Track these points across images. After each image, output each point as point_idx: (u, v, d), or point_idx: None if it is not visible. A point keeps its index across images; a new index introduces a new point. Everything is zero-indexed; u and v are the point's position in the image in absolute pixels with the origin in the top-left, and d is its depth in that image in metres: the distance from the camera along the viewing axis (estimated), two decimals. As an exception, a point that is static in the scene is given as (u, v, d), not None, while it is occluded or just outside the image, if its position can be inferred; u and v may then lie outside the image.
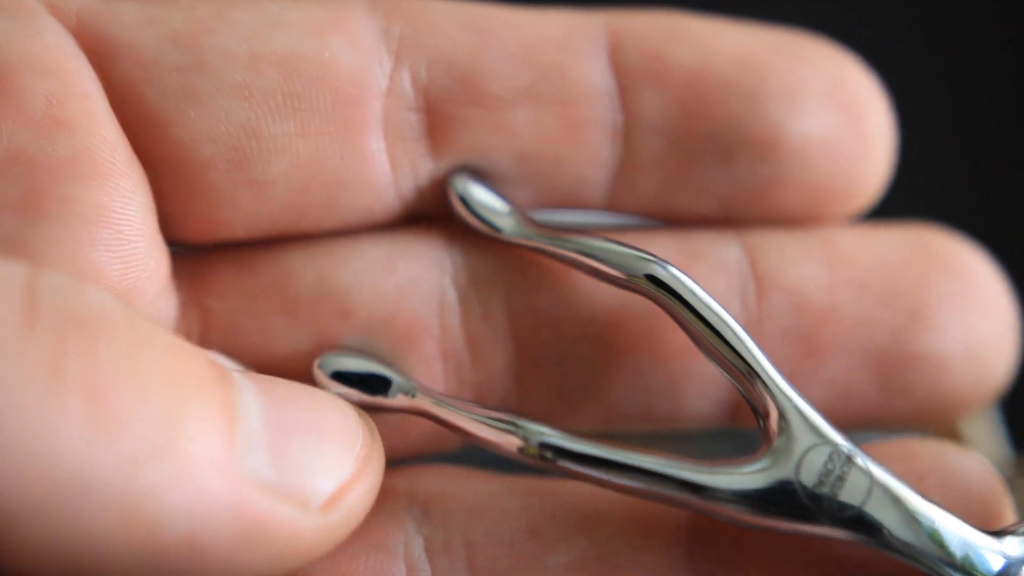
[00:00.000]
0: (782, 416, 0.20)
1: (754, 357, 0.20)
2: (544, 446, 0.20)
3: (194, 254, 0.22)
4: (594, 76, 0.22)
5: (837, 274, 0.22)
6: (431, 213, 0.22)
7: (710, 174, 0.22)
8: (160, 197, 0.21)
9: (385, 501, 0.20)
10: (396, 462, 0.21)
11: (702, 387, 0.22)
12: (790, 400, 0.20)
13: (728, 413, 0.22)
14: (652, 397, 0.22)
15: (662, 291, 0.20)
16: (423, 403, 0.20)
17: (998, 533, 0.19)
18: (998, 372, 0.22)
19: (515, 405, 0.22)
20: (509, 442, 0.20)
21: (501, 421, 0.20)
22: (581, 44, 0.22)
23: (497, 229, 0.22)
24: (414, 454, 0.21)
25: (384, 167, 0.21)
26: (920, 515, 0.19)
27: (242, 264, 0.21)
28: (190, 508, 0.16)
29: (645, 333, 0.22)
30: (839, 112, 0.22)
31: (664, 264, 0.20)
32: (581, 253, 0.21)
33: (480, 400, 0.21)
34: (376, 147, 0.21)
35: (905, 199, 0.27)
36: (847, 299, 0.22)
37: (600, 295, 0.22)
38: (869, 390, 0.22)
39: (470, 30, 0.21)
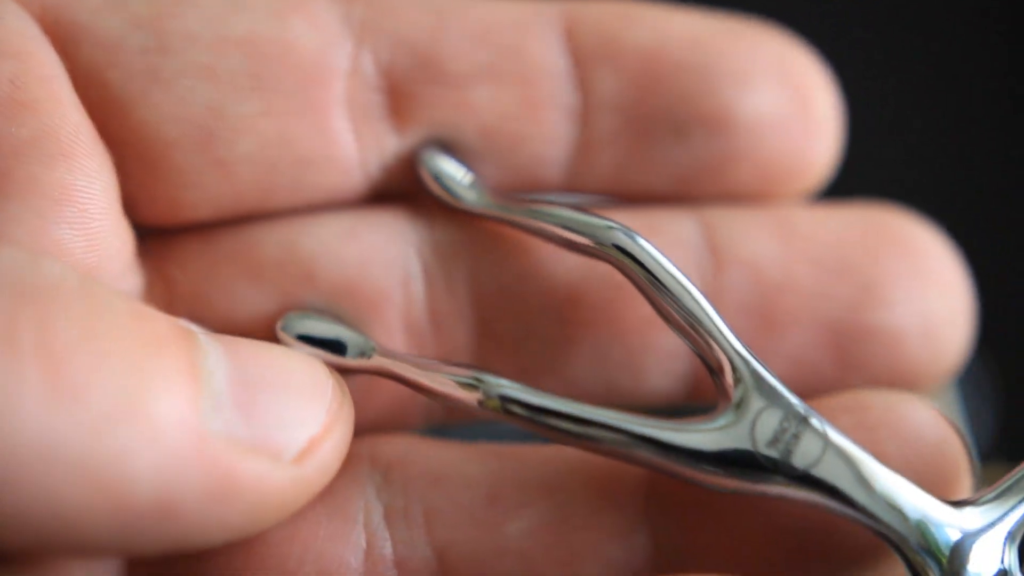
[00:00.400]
0: (739, 378, 0.20)
1: (713, 322, 0.20)
2: (505, 399, 0.20)
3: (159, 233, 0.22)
4: (551, 56, 0.22)
5: (792, 250, 0.22)
6: (397, 191, 0.23)
7: (665, 151, 0.22)
8: (126, 179, 0.21)
9: (346, 468, 0.20)
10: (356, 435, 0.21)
11: (662, 362, 0.22)
12: (747, 363, 0.20)
13: (688, 388, 0.23)
14: (612, 372, 0.22)
15: (627, 258, 0.21)
16: (383, 362, 0.21)
17: (958, 503, 0.20)
18: (953, 348, 0.23)
19: None
20: (469, 396, 0.20)
21: (462, 376, 0.20)
22: (537, 26, 0.22)
23: (465, 200, 0.22)
24: (375, 428, 0.22)
25: (349, 145, 0.22)
26: (876, 480, 0.19)
27: (206, 235, 0.22)
28: (158, 469, 0.17)
29: (605, 308, 0.22)
30: (788, 93, 0.23)
31: (630, 232, 0.21)
32: (549, 222, 0.21)
33: None
34: (341, 126, 0.22)
35: (867, 181, 0.28)
36: (802, 274, 0.22)
37: (561, 269, 0.22)
38: (826, 364, 0.22)
39: (430, 12, 0.22)
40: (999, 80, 0.47)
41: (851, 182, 0.27)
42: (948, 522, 0.19)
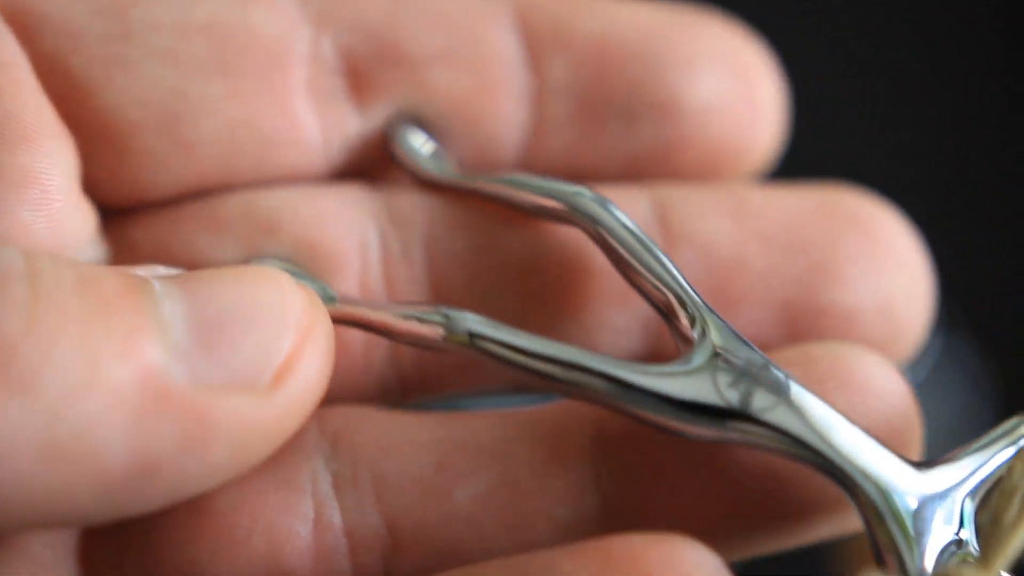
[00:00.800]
0: (701, 327, 0.20)
1: (675, 278, 0.21)
2: (473, 334, 0.20)
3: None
4: (504, 42, 0.23)
5: (745, 228, 0.23)
6: (359, 171, 0.23)
7: (615, 135, 0.23)
8: (91, 161, 0.22)
9: (294, 438, 0.21)
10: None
11: (614, 340, 0.22)
12: (707, 314, 0.20)
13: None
14: None
15: (595, 221, 0.21)
16: (346, 308, 0.21)
17: (920, 464, 0.19)
18: (911, 326, 0.23)
19: (430, 353, 0.22)
20: (434, 331, 0.20)
21: (427, 312, 0.20)
22: (491, 13, 0.23)
23: (438, 172, 0.23)
24: (325, 401, 0.22)
25: (312, 126, 0.22)
26: (836, 428, 0.19)
27: (167, 202, 0.22)
28: (128, 432, 0.17)
29: (558, 284, 0.22)
30: (732, 79, 0.23)
31: (599, 196, 0.22)
32: (520, 188, 0.22)
33: (396, 347, 0.22)
34: (303, 108, 0.22)
35: (863, 179, 0.28)
36: (754, 253, 0.22)
37: (516, 245, 0.23)
38: (779, 343, 0.22)
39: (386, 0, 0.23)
40: (996, 77, 0.47)
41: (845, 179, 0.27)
42: (909, 482, 0.19)
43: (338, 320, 0.21)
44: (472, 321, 0.20)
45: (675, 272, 0.21)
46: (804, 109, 0.48)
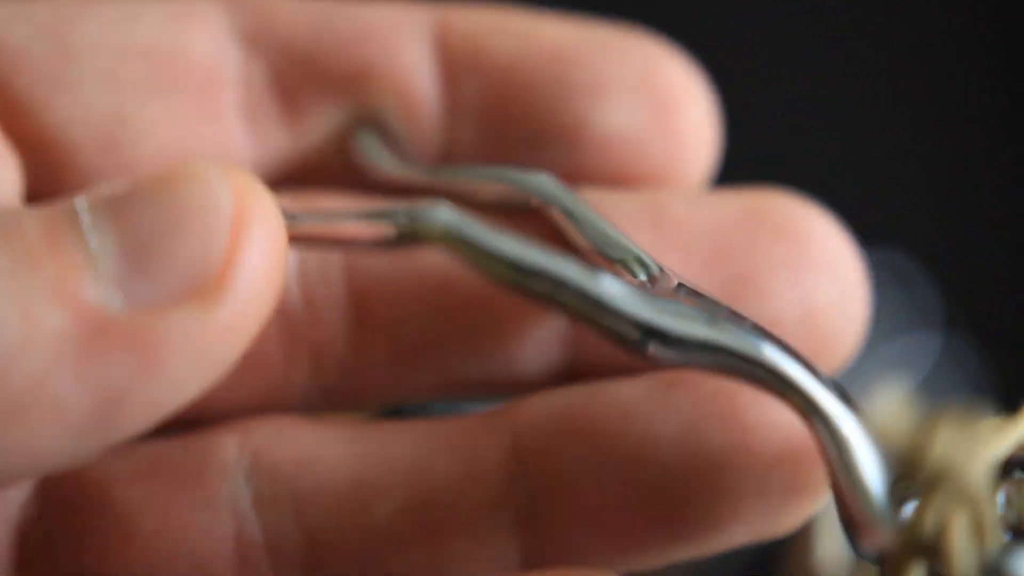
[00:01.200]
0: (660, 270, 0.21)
1: (629, 245, 0.21)
2: (451, 233, 0.19)
3: None
4: (419, 63, 0.23)
5: (664, 238, 0.22)
6: (292, 188, 0.23)
7: (522, 161, 0.23)
8: (35, 179, 0.22)
9: (215, 455, 0.21)
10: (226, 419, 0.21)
11: (535, 349, 0.22)
12: (665, 268, 0.21)
13: (563, 375, 0.22)
14: (487, 360, 0.22)
15: (551, 203, 0.21)
16: (305, 227, 0.20)
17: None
18: (838, 335, 0.22)
19: (352, 365, 0.22)
20: (402, 229, 0.19)
21: (392, 210, 0.19)
22: (410, 32, 0.23)
23: (399, 171, 0.23)
24: (247, 411, 0.22)
25: (245, 147, 0.23)
26: (804, 368, 0.19)
27: None
28: (81, 373, 0.17)
29: (478, 297, 0.22)
30: (648, 104, 0.23)
31: (556, 179, 0.22)
32: (477, 179, 0.22)
33: (318, 359, 0.22)
34: (236, 128, 0.23)
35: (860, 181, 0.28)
36: (673, 263, 0.22)
37: (436, 260, 0.22)
38: None
39: (309, 21, 0.23)
40: (996, 77, 0.46)
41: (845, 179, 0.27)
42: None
43: (300, 239, 0.20)
44: (445, 214, 0.19)
45: (629, 242, 0.21)
46: (805, 110, 0.48)
